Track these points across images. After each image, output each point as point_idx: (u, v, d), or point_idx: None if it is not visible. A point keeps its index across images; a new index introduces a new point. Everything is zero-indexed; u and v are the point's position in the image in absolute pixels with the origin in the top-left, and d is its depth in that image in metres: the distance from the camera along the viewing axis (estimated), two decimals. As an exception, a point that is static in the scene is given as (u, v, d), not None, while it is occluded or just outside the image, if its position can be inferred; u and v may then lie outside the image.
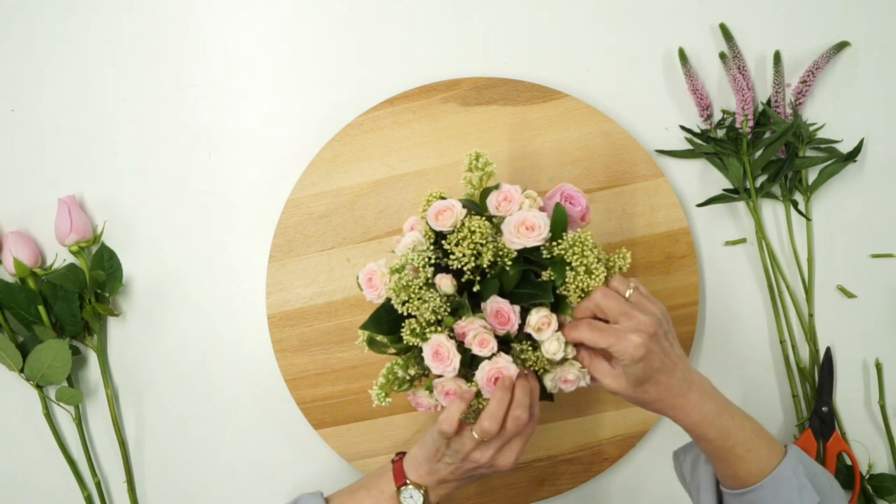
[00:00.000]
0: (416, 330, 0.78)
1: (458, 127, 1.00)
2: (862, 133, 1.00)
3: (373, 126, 1.00)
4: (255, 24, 1.03)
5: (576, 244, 0.78)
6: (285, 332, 1.00)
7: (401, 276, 0.78)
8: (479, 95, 0.99)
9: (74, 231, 0.99)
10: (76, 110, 1.03)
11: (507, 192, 0.80)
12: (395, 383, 0.81)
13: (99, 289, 1.02)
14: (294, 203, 1.00)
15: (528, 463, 1.00)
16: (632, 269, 0.97)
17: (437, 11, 1.02)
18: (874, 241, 1.01)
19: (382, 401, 0.80)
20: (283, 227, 1.00)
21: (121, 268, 1.02)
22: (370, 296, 0.81)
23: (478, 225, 0.78)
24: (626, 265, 0.82)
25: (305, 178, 1.00)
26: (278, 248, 1.00)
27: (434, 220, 0.79)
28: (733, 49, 0.99)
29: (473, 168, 0.81)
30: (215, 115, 1.03)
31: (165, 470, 1.04)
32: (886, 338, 1.01)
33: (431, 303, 0.77)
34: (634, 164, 0.99)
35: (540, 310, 0.79)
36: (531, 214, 0.79)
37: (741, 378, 1.02)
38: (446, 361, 0.77)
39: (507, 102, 0.99)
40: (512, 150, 1.00)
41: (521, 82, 0.99)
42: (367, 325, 0.80)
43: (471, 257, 0.78)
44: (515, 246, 0.78)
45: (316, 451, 1.03)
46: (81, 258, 1.01)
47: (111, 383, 1.04)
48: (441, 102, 0.99)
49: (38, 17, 1.03)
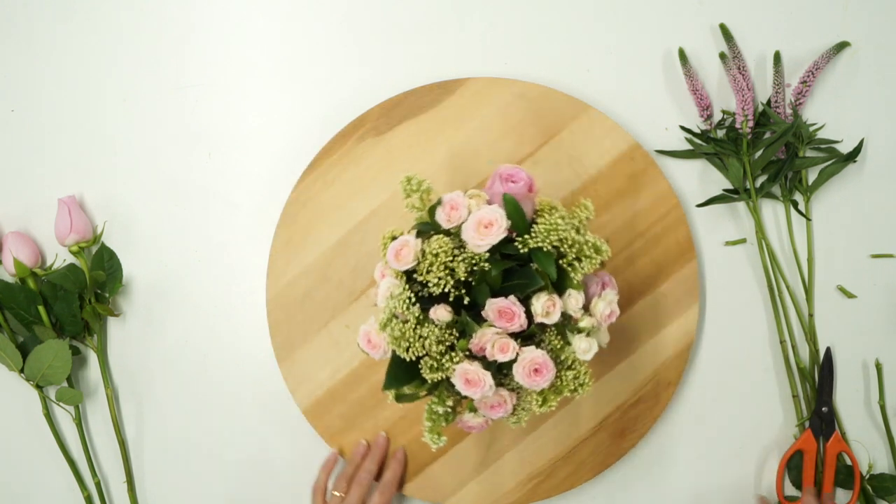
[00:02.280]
0: (433, 366, 0.78)
1: (383, 158, 0.99)
2: (862, 133, 1.00)
3: (307, 197, 0.99)
4: (255, 24, 1.03)
5: (550, 231, 0.78)
6: (326, 419, 1.00)
7: (392, 327, 0.78)
8: (389, 119, 0.99)
9: (74, 231, 0.99)
10: (76, 110, 1.03)
11: (451, 201, 0.80)
12: (441, 420, 0.81)
13: (99, 289, 1.02)
14: (275, 296, 0.99)
15: (600, 423, 0.99)
16: (605, 202, 0.98)
17: (436, 11, 1.02)
18: (874, 241, 1.01)
19: (438, 442, 0.81)
20: (275, 325, 1.00)
21: (121, 268, 1.02)
22: (376, 355, 0.82)
23: (438, 245, 0.78)
24: (591, 215, 0.83)
25: (273, 266, 0.99)
26: (280, 346, 1.00)
27: (396, 263, 0.79)
28: (733, 49, 0.99)
29: (410, 193, 0.81)
30: (215, 115, 1.03)
31: (165, 470, 1.04)
32: (886, 338, 1.01)
33: (432, 336, 0.77)
34: (558, 110, 0.98)
35: (540, 296, 0.79)
36: (483, 213, 0.78)
37: (741, 378, 1.02)
38: (480, 384, 0.78)
39: (417, 112, 0.99)
40: (444, 153, 0.99)
41: (421, 87, 0.98)
42: (388, 384, 0.80)
43: (446, 277, 0.78)
44: (483, 248, 0.78)
45: (316, 450, 1.03)
46: (81, 258, 1.01)
47: (111, 383, 1.04)
48: (357, 143, 0.99)
49: (38, 17, 1.03)
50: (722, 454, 1.02)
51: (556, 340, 0.80)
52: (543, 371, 0.78)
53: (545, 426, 0.99)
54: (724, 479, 1.02)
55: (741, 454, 1.02)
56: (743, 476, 1.02)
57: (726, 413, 1.02)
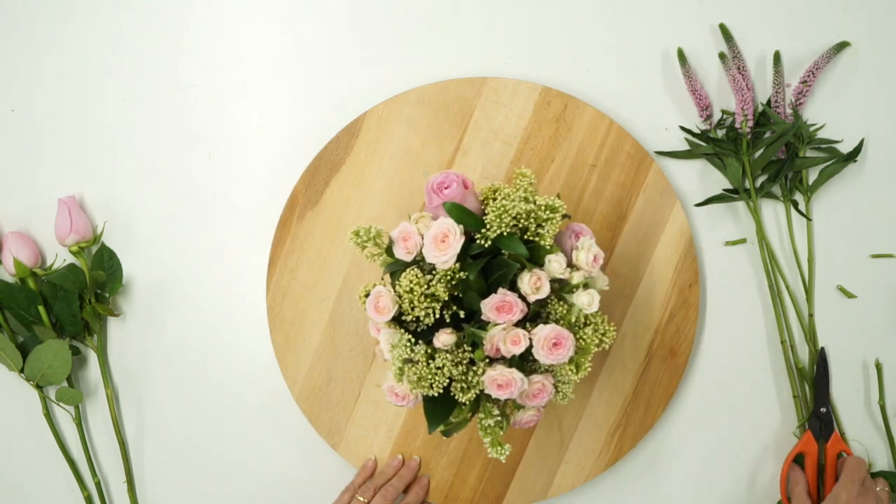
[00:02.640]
0: (463, 387, 0.79)
1: (330, 223, 0.99)
2: (862, 133, 1.00)
3: (283, 291, 0.99)
4: (255, 24, 1.03)
5: (501, 215, 0.78)
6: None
7: (407, 374, 0.79)
8: (315, 187, 0.99)
9: (74, 231, 0.99)
10: (76, 110, 1.03)
11: (401, 234, 0.81)
12: (497, 430, 0.82)
13: (99, 289, 1.02)
14: (300, 393, 1.00)
15: (646, 354, 0.99)
16: (546, 153, 0.98)
17: (437, 11, 1.02)
18: (874, 241, 1.01)
19: (503, 452, 0.81)
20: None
21: (121, 268, 1.02)
22: (410, 404, 0.83)
23: (408, 281, 0.78)
24: (532, 179, 0.83)
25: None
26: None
27: (379, 316, 0.80)
28: (733, 49, 0.99)
29: (363, 245, 0.82)
30: (215, 115, 1.03)
31: (165, 470, 1.04)
32: (886, 338, 1.01)
33: (447, 363, 0.78)
34: (461, 96, 0.99)
35: (522, 276, 0.79)
36: (434, 230, 0.79)
37: (741, 378, 1.02)
38: (512, 383, 0.78)
39: (336, 167, 0.99)
40: (381, 189, 0.99)
41: (329, 142, 0.98)
42: (432, 425, 0.81)
43: (432, 304, 0.78)
44: (449, 261, 0.78)
45: (316, 450, 1.03)
46: (81, 258, 1.01)
47: (111, 383, 1.04)
48: (299, 223, 0.99)
49: (38, 17, 1.03)
50: (722, 454, 1.02)
51: (559, 308, 0.81)
52: (562, 342, 0.79)
53: (599, 381, 0.99)
54: (724, 480, 1.02)
55: (741, 454, 1.02)
56: (743, 476, 1.02)
57: (726, 413, 1.02)
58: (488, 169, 0.99)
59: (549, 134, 0.98)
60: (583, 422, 0.99)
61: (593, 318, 0.82)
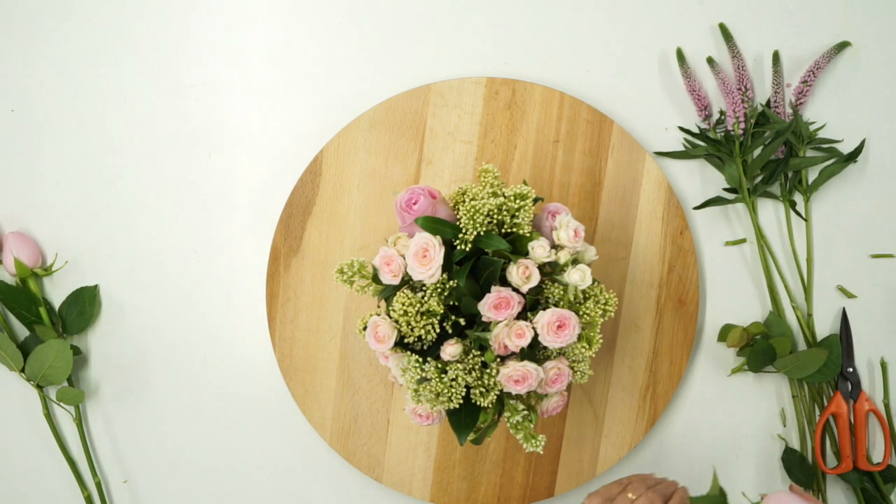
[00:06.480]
0: (482, 391, 0.79)
1: (316, 265, 1.00)
2: (863, 133, 1.00)
3: (289, 341, 1.00)
4: (255, 24, 1.03)
5: (472, 216, 0.79)
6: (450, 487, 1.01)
7: (424, 394, 0.79)
8: (293, 232, 0.99)
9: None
10: (76, 110, 1.03)
11: (382, 259, 0.81)
12: (527, 425, 0.82)
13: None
14: (331, 436, 1.00)
15: (657, 307, 0.99)
16: (506, 140, 0.98)
17: (437, 11, 1.02)
18: (874, 241, 1.01)
19: (539, 444, 0.81)
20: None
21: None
22: (435, 422, 0.84)
23: (401, 304, 0.79)
24: (497, 172, 0.83)
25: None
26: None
27: (380, 345, 0.80)
28: (733, 49, 0.99)
29: (350, 281, 0.82)
30: (215, 115, 1.03)
31: (165, 470, 1.05)
32: (886, 338, 1.01)
33: (459, 372, 0.78)
34: (409, 109, 0.99)
35: (510, 269, 0.80)
36: (412, 248, 0.79)
37: (740, 378, 1.01)
38: (527, 376, 0.79)
39: (308, 208, 0.99)
40: (356, 220, 0.99)
41: (295, 188, 0.99)
42: (461, 436, 0.81)
43: (430, 321, 0.79)
44: (435, 276, 0.79)
45: (315, 450, 1.03)
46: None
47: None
48: (286, 271, 1.00)
49: (38, 17, 1.03)
50: (721, 454, 1.02)
51: (556, 290, 0.81)
52: (566, 323, 0.79)
53: (617, 348, 0.99)
54: (724, 480, 1.02)
55: (741, 454, 1.02)
56: (742, 476, 1.02)
57: (726, 413, 1.02)
58: (455, 172, 0.99)
59: (505, 122, 0.99)
60: (612, 391, 0.99)
61: (591, 290, 0.83)
